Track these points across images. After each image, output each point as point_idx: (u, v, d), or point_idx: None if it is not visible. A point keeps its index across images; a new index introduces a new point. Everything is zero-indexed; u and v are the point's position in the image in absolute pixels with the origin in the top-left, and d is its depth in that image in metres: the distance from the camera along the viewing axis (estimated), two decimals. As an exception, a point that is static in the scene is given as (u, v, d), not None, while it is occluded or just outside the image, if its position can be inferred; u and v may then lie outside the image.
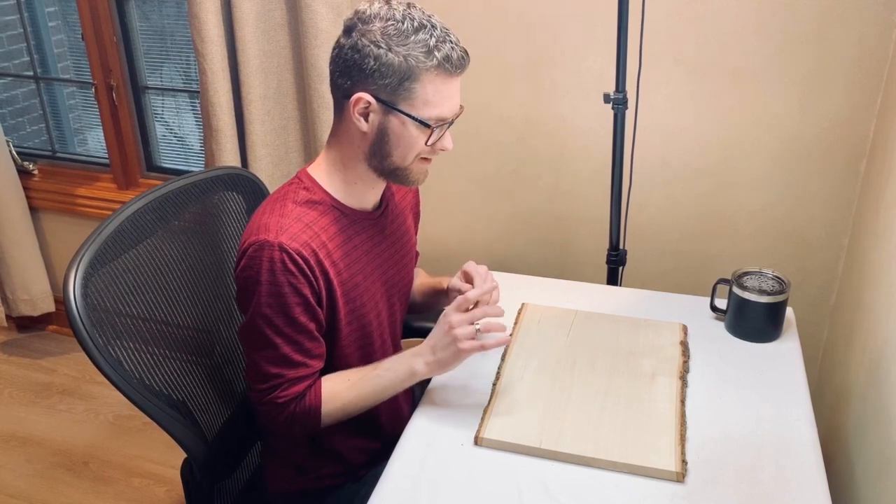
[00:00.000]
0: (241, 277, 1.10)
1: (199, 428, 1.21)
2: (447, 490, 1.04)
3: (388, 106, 1.08)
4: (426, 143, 1.11)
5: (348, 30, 1.08)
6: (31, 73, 2.68)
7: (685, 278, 1.94)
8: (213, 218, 1.35)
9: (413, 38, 1.05)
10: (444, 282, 1.37)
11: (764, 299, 1.31)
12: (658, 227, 1.93)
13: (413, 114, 1.08)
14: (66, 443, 2.18)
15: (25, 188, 2.54)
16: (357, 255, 1.19)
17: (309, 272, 1.09)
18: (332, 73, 1.11)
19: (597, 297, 1.50)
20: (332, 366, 1.20)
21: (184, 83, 2.50)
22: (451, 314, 1.11)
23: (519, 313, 1.42)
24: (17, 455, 2.15)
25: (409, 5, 1.09)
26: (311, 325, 1.12)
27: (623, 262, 1.69)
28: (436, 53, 1.05)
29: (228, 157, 1.99)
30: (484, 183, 2.04)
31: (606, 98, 1.53)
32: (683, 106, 1.80)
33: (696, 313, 1.42)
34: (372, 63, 1.05)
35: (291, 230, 1.09)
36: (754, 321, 1.34)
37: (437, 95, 1.08)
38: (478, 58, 1.93)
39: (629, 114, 1.56)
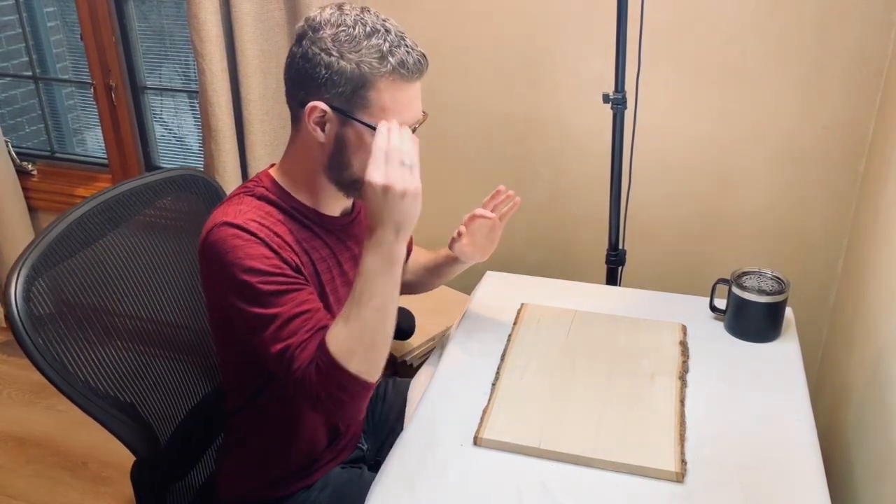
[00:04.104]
0: (207, 266, 1.05)
1: (151, 430, 1.19)
2: (446, 490, 1.04)
3: (344, 115, 1.03)
4: None
5: (299, 38, 1.04)
6: (29, 74, 2.68)
7: (684, 278, 1.94)
8: (164, 217, 1.33)
9: (365, 43, 1.01)
10: (444, 250, 1.34)
11: (763, 299, 1.31)
12: (657, 227, 1.94)
13: (370, 122, 1.03)
14: (65, 443, 2.18)
15: (24, 188, 2.54)
16: (321, 255, 1.15)
17: (275, 246, 1.04)
18: (285, 83, 1.08)
19: (596, 296, 1.50)
20: None
21: (183, 83, 2.50)
22: (375, 177, 0.97)
23: (518, 313, 1.42)
24: (17, 455, 2.15)
25: (362, 10, 1.04)
26: (298, 279, 1.04)
27: (622, 262, 1.70)
28: (390, 59, 1.01)
29: (227, 157, 1.99)
30: (483, 183, 2.04)
31: (606, 98, 1.53)
32: (682, 106, 1.80)
33: (696, 313, 1.42)
34: (323, 71, 1.01)
35: (250, 214, 1.05)
36: (754, 321, 1.34)
37: (394, 103, 1.03)
38: (477, 57, 1.93)
39: (628, 114, 1.56)
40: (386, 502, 1.03)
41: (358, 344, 1.01)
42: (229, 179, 2.00)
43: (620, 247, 1.68)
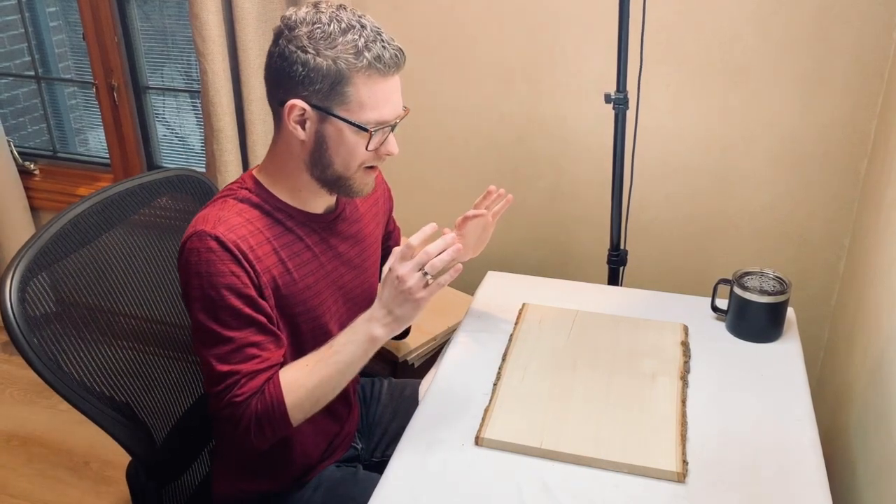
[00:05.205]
0: (182, 272, 1.07)
1: (147, 429, 1.19)
2: (447, 490, 1.04)
3: (323, 111, 1.04)
4: (367, 149, 1.08)
5: (276, 38, 1.05)
6: (32, 73, 2.68)
7: (686, 278, 1.94)
8: (160, 217, 1.34)
9: (341, 39, 1.01)
10: None
11: (765, 299, 1.31)
12: (659, 227, 1.93)
13: (349, 118, 1.04)
14: (67, 443, 2.18)
15: (26, 188, 2.54)
16: (307, 256, 1.15)
17: (248, 265, 1.05)
18: (265, 83, 1.09)
19: (598, 297, 1.50)
20: None
21: (185, 83, 2.50)
22: (396, 267, 1.03)
23: (520, 313, 1.42)
24: (19, 455, 2.15)
25: (339, 7, 1.05)
26: (260, 318, 1.06)
27: (624, 262, 1.69)
28: (366, 54, 1.02)
29: (229, 157, 1.99)
30: (484, 183, 2.03)
31: (607, 98, 1.53)
32: (684, 106, 1.80)
33: (697, 313, 1.42)
34: (300, 69, 1.02)
35: (230, 222, 1.06)
36: (755, 321, 1.34)
37: (372, 98, 1.04)
38: (479, 57, 1.93)
39: (630, 114, 1.56)
40: (388, 502, 1.03)
41: (308, 399, 1.07)
42: (231, 179, 2.01)
43: (622, 247, 1.68)
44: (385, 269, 1.07)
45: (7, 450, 2.17)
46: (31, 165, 2.62)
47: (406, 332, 1.53)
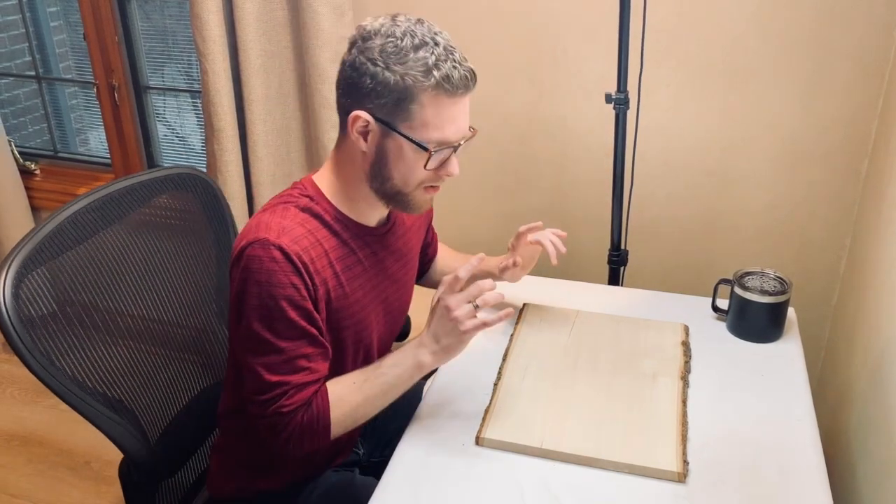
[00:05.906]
0: (239, 278, 1.06)
1: (140, 427, 1.18)
2: (448, 490, 1.04)
3: (386, 126, 1.04)
4: (426, 167, 1.06)
5: (350, 46, 1.05)
6: (32, 73, 2.68)
7: (687, 278, 1.94)
8: (158, 216, 1.33)
9: (412, 55, 1.00)
10: (493, 262, 1.38)
11: (765, 300, 1.31)
12: (659, 228, 1.93)
13: (411, 136, 1.03)
14: (67, 442, 2.18)
15: (27, 188, 2.54)
16: (358, 270, 1.15)
17: (308, 277, 1.05)
18: (336, 89, 1.09)
19: (598, 297, 1.50)
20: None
21: (185, 83, 2.50)
22: (446, 297, 1.05)
23: (520, 313, 1.42)
24: (19, 455, 2.15)
25: (418, 21, 1.04)
26: (313, 330, 1.07)
27: (624, 263, 1.69)
28: (434, 73, 1.00)
29: (230, 156, 1.99)
30: (485, 183, 2.04)
31: (608, 98, 1.53)
32: (685, 106, 1.80)
33: (698, 313, 1.42)
34: (369, 81, 1.01)
35: (294, 233, 1.06)
36: (756, 321, 1.34)
37: (437, 118, 1.03)
38: (479, 58, 1.92)
39: (631, 114, 1.56)
40: (389, 502, 1.03)
41: (351, 416, 1.10)
42: (232, 179, 2.01)
43: (623, 247, 1.68)
44: (434, 298, 1.08)
45: (7, 450, 2.17)
46: (32, 165, 2.62)
47: (406, 334, 1.53)
